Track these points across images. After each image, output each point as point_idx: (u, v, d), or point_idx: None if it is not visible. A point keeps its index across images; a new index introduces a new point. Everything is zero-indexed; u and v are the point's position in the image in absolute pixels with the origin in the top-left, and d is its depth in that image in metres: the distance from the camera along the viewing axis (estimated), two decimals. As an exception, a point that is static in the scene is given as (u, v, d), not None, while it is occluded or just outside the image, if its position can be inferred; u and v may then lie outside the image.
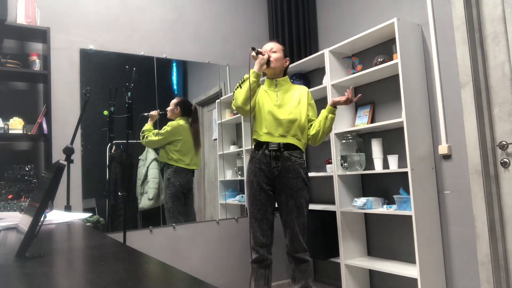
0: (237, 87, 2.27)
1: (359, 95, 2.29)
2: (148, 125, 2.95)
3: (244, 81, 2.26)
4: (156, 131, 2.95)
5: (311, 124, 2.37)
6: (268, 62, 2.31)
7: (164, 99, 3.05)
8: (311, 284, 2.29)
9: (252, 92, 2.23)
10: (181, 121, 3.07)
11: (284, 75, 2.43)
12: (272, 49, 2.36)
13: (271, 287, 2.37)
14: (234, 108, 2.29)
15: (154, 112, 2.97)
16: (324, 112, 2.30)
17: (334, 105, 2.29)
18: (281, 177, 2.25)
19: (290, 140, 2.27)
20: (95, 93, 2.72)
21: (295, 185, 2.24)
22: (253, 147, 2.35)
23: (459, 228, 2.32)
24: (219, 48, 3.37)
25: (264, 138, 2.28)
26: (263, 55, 2.29)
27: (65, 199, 2.22)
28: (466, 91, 2.25)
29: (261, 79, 2.33)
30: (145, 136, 2.92)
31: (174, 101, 3.07)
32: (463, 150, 2.29)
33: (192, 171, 3.12)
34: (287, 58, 2.43)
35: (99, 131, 2.76)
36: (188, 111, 3.12)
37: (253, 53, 2.28)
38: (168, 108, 3.05)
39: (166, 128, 2.99)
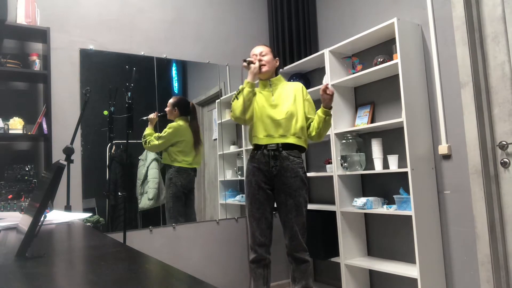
0: (234, 99, 2.30)
1: (327, 86, 2.23)
2: (148, 129, 2.93)
3: (240, 91, 2.28)
4: (157, 134, 2.94)
5: (309, 123, 2.36)
6: (260, 68, 2.34)
7: (164, 99, 3.05)
8: (312, 285, 2.29)
9: (248, 102, 2.25)
10: (180, 122, 3.06)
11: (276, 75, 2.45)
12: (262, 53, 2.38)
13: (270, 287, 2.37)
14: (233, 119, 2.31)
15: (152, 115, 2.95)
16: (321, 115, 2.27)
17: (327, 106, 2.26)
18: (279, 176, 2.25)
19: (290, 139, 2.28)
20: (95, 93, 2.72)
21: (293, 184, 2.24)
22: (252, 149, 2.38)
23: (459, 228, 2.32)
24: (219, 48, 3.37)
25: (265, 141, 2.28)
26: (254, 63, 2.31)
27: (65, 199, 2.22)
28: (466, 91, 2.25)
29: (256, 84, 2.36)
30: (147, 141, 2.91)
31: (171, 101, 3.05)
32: (463, 150, 2.29)
33: (194, 169, 3.12)
34: (277, 58, 2.47)
35: (99, 131, 2.76)
36: (186, 110, 3.10)
37: (245, 64, 2.31)
38: (166, 109, 3.04)
39: (167, 130, 2.98)
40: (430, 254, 2.31)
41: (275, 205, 2.35)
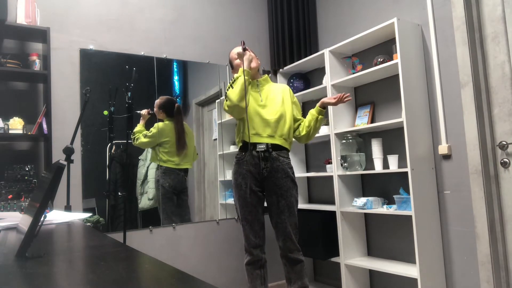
0: (228, 88, 2.25)
1: (350, 98, 2.26)
2: (139, 126, 2.91)
3: (234, 80, 2.24)
4: (145, 132, 2.93)
5: (299, 124, 2.39)
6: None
7: (164, 99, 3.04)
8: (307, 283, 2.29)
9: (244, 92, 2.20)
10: (167, 122, 3.02)
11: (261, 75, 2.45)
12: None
13: (268, 287, 2.37)
14: (226, 108, 2.24)
15: (144, 112, 2.93)
16: (314, 114, 2.30)
17: (324, 105, 2.30)
18: (270, 177, 2.25)
19: (277, 141, 2.29)
20: (95, 93, 2.72)
21: (284, 185, 2.25)
22: (238, 148, 2.36)
23: (459, 228, 2.32)
24: (219, 48, 3.37)
25: (253, 139, 2.28)
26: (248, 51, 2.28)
27: (65, 199, 2.22)
28: (466, 91, 2.25)
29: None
30: (135, 138, 2.90)
31: (157, 102, 2.99)
32: (463, 150, 2.29)
33: (185, 170, 3.08)
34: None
35: (99, 131, 2.76)
36: (170, 112, 3.04)
37: (240, 49, 2.28)
38: (154, 110, 3.00)
39: (152, 130, 2.94)
40: (430, 254, 2.31)
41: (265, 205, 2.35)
